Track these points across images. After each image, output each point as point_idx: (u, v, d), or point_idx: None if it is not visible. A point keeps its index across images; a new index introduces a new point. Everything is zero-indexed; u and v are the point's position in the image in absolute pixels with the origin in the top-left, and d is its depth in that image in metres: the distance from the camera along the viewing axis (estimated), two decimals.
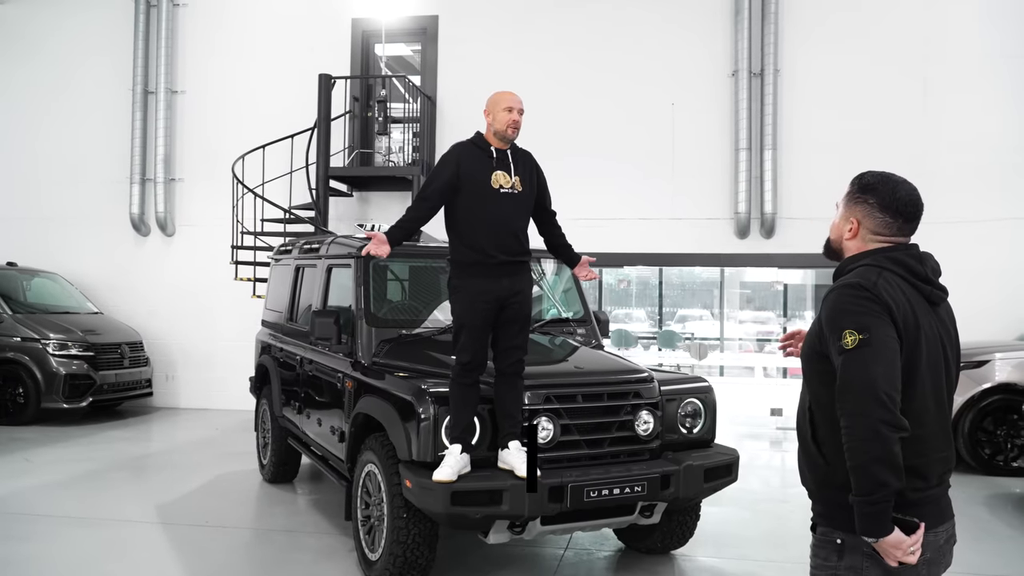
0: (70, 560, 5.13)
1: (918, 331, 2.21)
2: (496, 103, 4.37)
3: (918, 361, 2.20)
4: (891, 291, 2.21)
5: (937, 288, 2.33)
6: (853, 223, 2.39)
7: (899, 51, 9.97)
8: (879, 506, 2.09)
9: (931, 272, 2.33)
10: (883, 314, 2.17)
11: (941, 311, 2.35)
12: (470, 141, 4.45)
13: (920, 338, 2.22)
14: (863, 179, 2.42)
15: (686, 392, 4.90)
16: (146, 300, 11.47)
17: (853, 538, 2.20)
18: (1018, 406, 7.30)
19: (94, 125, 11.64)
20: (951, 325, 2.38)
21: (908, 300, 2.23)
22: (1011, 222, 9.58)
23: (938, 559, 2.28)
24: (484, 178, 4.29)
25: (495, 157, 4.36)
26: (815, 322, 2.35)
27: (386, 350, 5.16)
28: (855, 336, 2.14)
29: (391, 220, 10.76)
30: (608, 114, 10.41)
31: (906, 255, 2.31)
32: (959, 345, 2.39)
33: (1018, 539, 5.83)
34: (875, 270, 2.26)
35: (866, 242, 2.37)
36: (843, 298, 2.23)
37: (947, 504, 2.34)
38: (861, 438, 2.09)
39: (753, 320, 20.51)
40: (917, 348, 2.21)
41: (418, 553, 4.42)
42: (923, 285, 2.29)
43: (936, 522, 2.25)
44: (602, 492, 4.30)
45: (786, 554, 5.53)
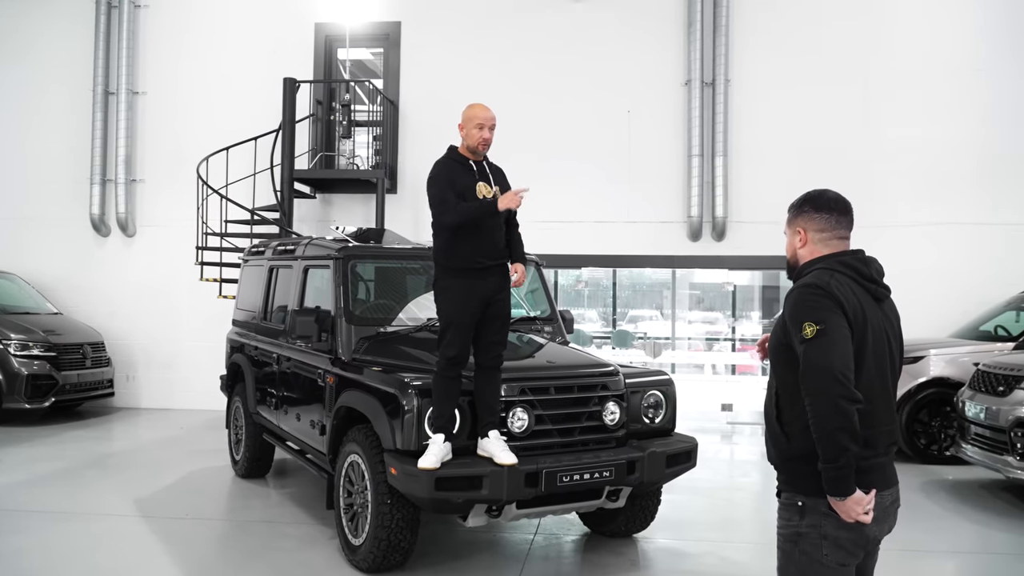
0: (60, 552, 5.29)
1: (865, 324, 2.60)
2: (470, 119, 4.63)
3: (865, 349, 2.58)
4: (842, 289, 2.59)
5: (881, 287, 2.71)
6: (800, 232, 2.78)
7: (842, 63, 10.51)
8: (843, 470, 2.46)
9: (875, 273, 2.71)
10: (835, 308, 2.54)
11: (885, 307, 2.73)
12: (448, 157, 4.69)
13: (867, 330, 2.60)
14: (795, 201, 2.84)
15: (649, 385, 5.25)
16: (106, 301, 11.47)
17: (813, 500, 2.59)
18: (951, 399, 7.82)
19: (53, 125, 11.61)
20: (895, 319, 2.77)
21: (856, 297, 2.61)
22: (947, 226, 10.18)
23: (884, 518, 2.66)
24: (470, 190, 4.58)
25: (475, 170, 4.64)
26: (780, 318, 2.73)
27: (365, 347, 5.41)
28: (813, 328, 2.51)
29: (354, 221, 11.03)
30: (567, 120, 10.76)
31: (853, 259, 2.70)
32: (902, 337, 2.79)
33: (951, 519, 6.32)
34: (828, 272, 2.64)
35: (816, 245, 2.75)
36: (802, 296, 2.60)
37: (892, 472, 2.72)
38: (825, 413, 2.45)
39: (702, 320, 21.13)
40: (864, 338, 2.58)
41: (401, 536, 4.70)
42: (869, 284, 2.67)
43: (883, 486, 2.64)
44: (573, 477, 4.62)
45: (740, 535, 5.94)
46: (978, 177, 10.25)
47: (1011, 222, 10.13)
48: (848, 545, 2.58)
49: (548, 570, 5.10)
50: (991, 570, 5.27)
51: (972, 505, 6.71)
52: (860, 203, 10.87)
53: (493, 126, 4.67)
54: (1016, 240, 10.10)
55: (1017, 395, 6.35)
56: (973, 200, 10.23)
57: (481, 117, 4.61)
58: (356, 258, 5.78)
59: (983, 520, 6.30)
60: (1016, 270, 9.74)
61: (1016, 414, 6.26)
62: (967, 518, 6.36)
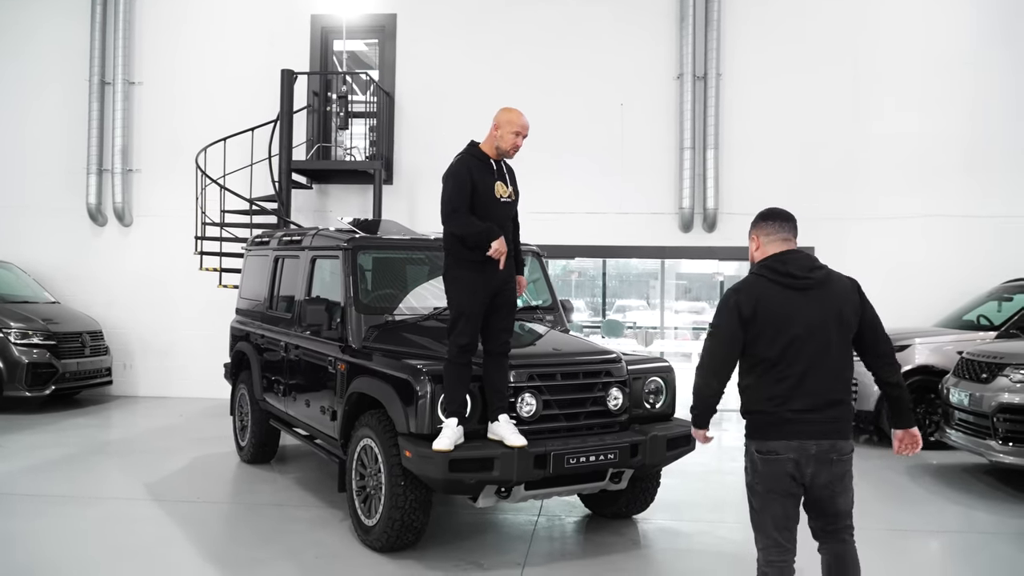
0: (78, 533, 5.45)
1: (782, 313, 3.30)
2: (509, 124, 4.77)
3: (785, 332, 3.28)
4: (753, 291, 3.35)
5: (800, 279, 3.34)
6: (754, 238, 3.53)
7: (831, 57, 10.73)
8: (698, 416, 3.57)
9: (794, 269, 3.36)
10: (734, 312, 3.33)
11: (818, 293, 3.35)
12: (470, 154, 4.84)
13: (792, 318, 3.29)
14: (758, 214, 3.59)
15: (650, 371, 5.46)
16: (103, 290, 11.56)
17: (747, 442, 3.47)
18: (935, 386, 8.07)
19: (50, 115, 11.65)
20: (833, 299, 3.35)
21: (773, 294, 3.33)
22: (932, 218, 10.44)
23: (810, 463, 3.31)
24: (489, 189, 4.75)
25: (495, 169, 4.81)
26: None
27: (375, 335, 5.58)
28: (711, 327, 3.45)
29: (350, 212, 11.16)
30: (560, 112, 10.90)
31: (772, 261, 3.40)
32: (851, 310, 3.37)
33: (936, 501, 6.58)
34: (751, 276, 3.43)
35: (765, 248, 3.47)
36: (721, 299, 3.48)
37: (832, 429, 3.32)
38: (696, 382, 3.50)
39: (688, 310, 21.42)
40: (782, 324, 3.29)
41: (414, 517, 4.89)
42: (785, 279, 3.34)
43: (811, 437, 3.30)
44: (580, 459, 4.82)
45: (735, 516, 6.14)
46: (966, 169, 10.51)
47: (999, 214, 10.40)
48: (767, 478, 3.36)
49: (554, 549, 5.30)
50: (975, 548, 5.51)
51: (956, 487, 6.97)
52: (849, 195, 11.20)
53: (527, 135, 4.83)
54: (1003, 232, 10.36)
55: (1000, 382, 6.60)
56: (961, 192, 10.49)
57: (519, 124, 4.77)
58: (365, 248, 5.94)
59: (967, 502, 6.56)
60: (1003, 261, 9.99)
61: (999, 400, 6.50)
62: (951, 500, 6.61)
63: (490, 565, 4.92)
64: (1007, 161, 10.49)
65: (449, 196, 4.73)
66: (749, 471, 3.44)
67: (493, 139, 4.82)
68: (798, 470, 3.31)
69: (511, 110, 4.83)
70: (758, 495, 3.41)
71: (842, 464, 3.36)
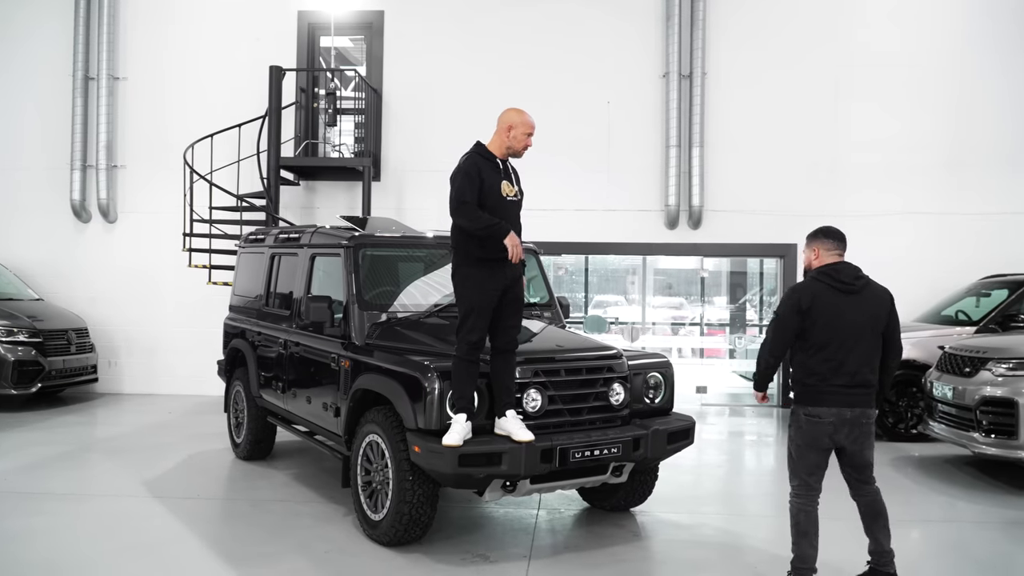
0: (85, 530, 5.47)
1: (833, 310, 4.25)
2: (521, 125, 4.86)
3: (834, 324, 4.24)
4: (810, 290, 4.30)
5: (849, 284, 4.31)
6: (815, 250, 4.46)
7: (815, 56, 10.92)
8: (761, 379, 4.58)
9: (844, 277, 4.32)
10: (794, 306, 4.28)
11: (859, 297, 4.31)
12: (478, 153, 4.90)
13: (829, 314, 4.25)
14: (815, 231, 4.48)
15: (650, 367, 5.58)
16: (87, 287, 11.48)
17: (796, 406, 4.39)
18: (917, 380, 8.28)
19: (33, 111, 11.54)
20: (872, 303, 4.34)
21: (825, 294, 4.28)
22: (912, 215, 10.69)
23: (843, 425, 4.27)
24: (496, 187, 4.83)
25: (502, 168, 4.90)
26: None
27: (377, 332, 5.64)
28: (775, 314, 4.40)
29: (338, 209, 11.19)
30: (548, 110, 10.91)
31: (828, 269, 4.35)
32: (884, 314, 4.36)
33: (920, 491, 6.78)
34: (808, 280, 4.38)
35: (822, 258, 4.41)
36: (787, 292, 4.42)
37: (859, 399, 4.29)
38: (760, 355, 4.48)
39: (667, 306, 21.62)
40: (832, 319, 4.24)
41: (421, 511, 4.97)
42: (838, 284, 4.30)
43: (843, 404, 4.26)
44: (584, 453, 4.93)
45: (730, 508, 6.33)
46: (946, 167, 10.77)
47: (977, 211, 10.67)
48: (808, 435, 4.30)
49: (557, 541, 5.41)
50: (958, 537, 5.69)
51: (939, 478, 7.18)
52: (831, 193, 11.43)
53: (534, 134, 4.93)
54: (981, 229, 10.64)
55: (982, 376, 6.81)
56: (941, 190, 10.75)
57: (530, 125, 4.88)
58: (366, 246, 6.00)
59: (949, 492, 6.76)
60: (981, 257, 10.27)
61: (982, 393, 6.71)
62: (934, 490, 6.82)
63: (497, 558, 5.02)
64: (985, 159, 10.75)
65: (459, 190, 4.79)
66: (794, 428, 4.37)
67: (504, 140, 4.89)
68: (834, 431, 4.27)
69: (520, 111, 4.92)
70: (799, 447, 4.34)
71: (868, 426, 4.34)
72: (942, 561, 5.14)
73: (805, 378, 4.31)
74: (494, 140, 4.92)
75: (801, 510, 4.35)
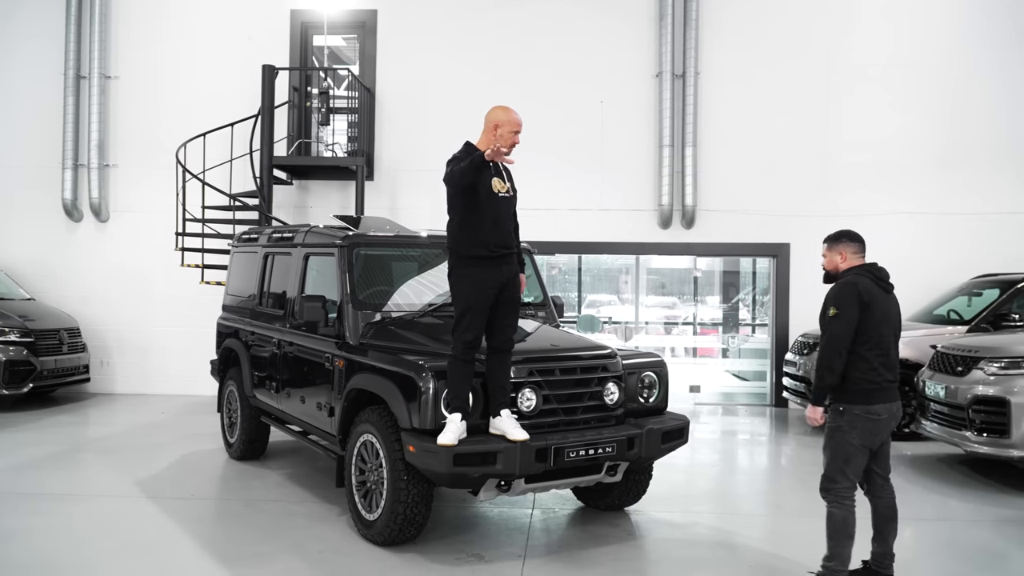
0: (80, 530, 5.46)
1: (886, 306, 4.39)
2: (508, 123, 4.86)
3: (880, 320, 4.33)
4: (862, 286, 4.35)
5: (886, 283, 4.49)
6: (841, 252, 4.55)
7: (807, 55, 10.94)
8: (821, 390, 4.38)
9: (883, 275, 4.49)
10: (854, 299, 4.31)
11: (891, 296, 4.51)
12: (467, 153, 4.87)
13: (880, 310, 4.36)
14: (833, 235, 4.61)
15: (644, 366, 5.58)
16: (79, 286, 11.43)
17: (848, 406, 4.31)
18: (910, 379, 8.30)
19: (24, 109, 11.48)
20: (896, 303, 4.55)
21: (872, 291, 4.36)
22: (904, 215, 10.72)
23: (892, 420, 4.37)
24: (487, 183, 4.83)
25: (492, 165, 4.89)
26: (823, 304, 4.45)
27: (372, 331, 5.64)
28: (835, 311, 4.35)
29: (330, 208, 11.16)
30: (541, 110, 10.95)
31: (871, 267, 4.50)
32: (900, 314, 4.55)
33: (912, 489, 6.79)
34: (856, 276, 4.43)
35: (850, 262, 4.53)
36: (841, 290, 4.37)
37: (898, 394, 4.42)
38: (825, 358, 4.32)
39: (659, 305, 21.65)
40: (878, 314, 4.33)
41: (416, 511, 4.97)
42: (880, 282, 4.45)
43: (892, 400, 4.35)
44: (579, 453, 4.93)
45: (724, 507, 6.35)
46: (938, 167, 10.81)
47: (969, 211, 10.72)
48: (866, 435, 4.28)
49: (551, 540, 5.41)
50: (950, 535, 5.72)
51: (931, 477, 7.21)
52: (823, 192, 11.48)
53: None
54: (973, 228, 10.69)
55: (975, 375, 6.84)
56: (932, 189, 10.78)
57: (517, 123, 4.88)
58: (360, 245, 5.99)
59: (942, 490, 6.80)
60: (973, 257, 10.32)
61: (974, 392, 6.74)
62: (927, 488, 6.85)
63: (491, 557, 5.02)
64: (977, 159, 10.80)
65: (450, 170, 4.82)
66: (847, 429, 4.28)
67: (491, 138, 4.87)
68: (885, 427, 4.34)
69: (507, 109, 4.92)
70: (855, 448, 4.29)
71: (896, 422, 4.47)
72: (935, 559, 5.17)
73: (863, 375, 4.27)
74: (482, 139, 4.92)
75: (850, 512, 4.31)
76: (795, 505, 6.50)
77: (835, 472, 4.32)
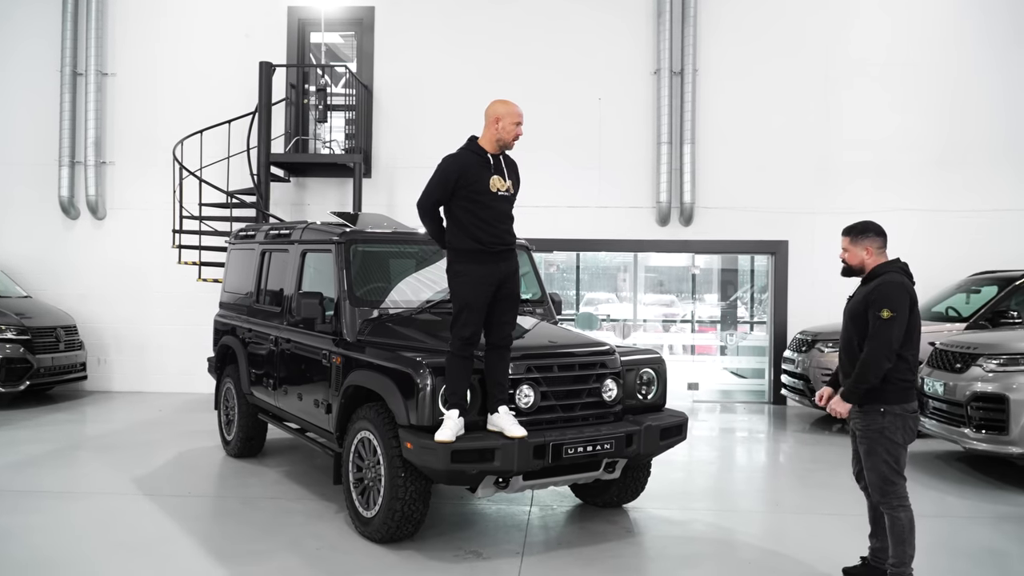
0: (77, 528, 5.43)
1: (915, 306, 4.28)
2: (509, 115, 4.84)
3: (918, 321, 4.29)
4: (908, 286, 4.28)
5: (912, 280, 4.37)
6: (867, 248, 4.42)
7: (805, 53, 10.94)
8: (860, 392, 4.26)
9: (910, 273, 4.39)
10: (907, 301, 4.22)
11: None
12: (467, 149, 4.89)
13: (917, 310, 4.29)
14: (856, 228, 4.48)
15: (642, 363, 5.57)
16: (76, 284, 11.40)
17: (890, 406, 4.24)
18: None
19: (20, 106, 11.45)
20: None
21: (913, 291, 4.29)
22: (902, 212, 10.70)
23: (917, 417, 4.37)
24: (483, 184, 4.79)
25: (492, 163, 4.87)
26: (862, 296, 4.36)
27: (369, 328, 5.62)
28: (889, 313, 4.18)
29: (328, 205, 11.14)
30: (539, 107, 10.88)
31: (902, 265, 4.40)
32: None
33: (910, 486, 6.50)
34: (900, 275, 4.31)
35: (877, 257, 4.41)
36: (892, 290, 4.23)
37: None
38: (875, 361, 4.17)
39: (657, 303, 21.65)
40: (915, 314, 4.27)
41: (414, 508, 4.95)
42: (909, 279, 4.36)
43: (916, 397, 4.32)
44: (577, 449, 4.92)
45: (723, 504, 6.34)
46: (936, 164, 10.81)
47: (967, 208, 10.72)
48: (909, 432, 4.28)
49: (549, 537, 5.40)
50: (949, 531, 5.71)
51: (930, 473, 7.20)
52: (821, 189, 11.48)
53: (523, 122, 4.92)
54: (971, 226, 10.69)
55: (973, 371, 6.83)
56: (931, 187, 10.79)
57: (518, 114, 4.86)
58: (357, 242, 5.97)
59: (940, 487, 6.79)
60: (971, 254, 10.32)
61: (973, 389, 6.73)
62: (925, 485, 6.82)
63: (489, 554, 5.01)
64: (976, 157, 10.80)
65: (428, 188, 4.90)
66: (893, 429, 4.23)
67: (494, 133, 4.86)
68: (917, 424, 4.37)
69: (506, 102, 4.91)
70: (899, 447, 4.25)
71: None
72: (933, 556, 5.15)
73: (901, 376, 4.23)
74: (484, 134, 4.90)
75: (911, 511, 4.29)
76: (793, 502, 6.49)
77: (891, 474, 4.27)
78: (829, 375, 8.70)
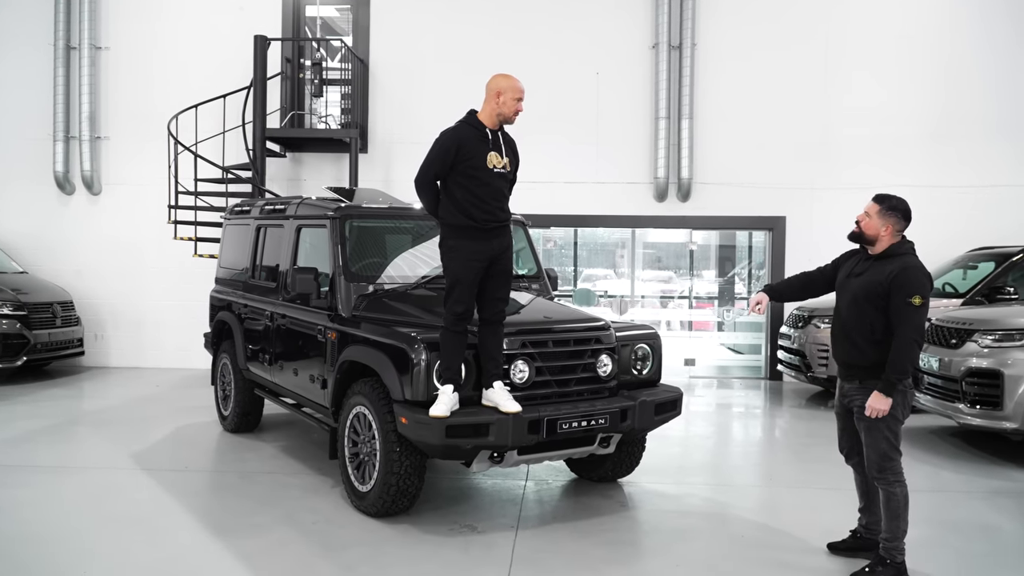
0: (71, 502, 5.46)
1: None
2: (510, 90, 4.79)
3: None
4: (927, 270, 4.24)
5: None
6: (888, 226, 4.28)
7: (803, 29, 10.85)
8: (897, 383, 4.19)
9: None
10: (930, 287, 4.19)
11: None
12: (466, 123, 4.84)
13: None
14: (890, 201, 4.32)
15: (637, 338, 5.57)
16: (72, 259, 11.38)
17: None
18: None
19: (13, 81, 11.36)
20: None
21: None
22: (900, 188, 10.45)
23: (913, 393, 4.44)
24: (481, 159, 4.76)
25: (490, 139, 4.83)
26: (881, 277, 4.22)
27: (364, 304, 5.61)
28: (920, 300, 4.12)
29: (324, 180, 11.08)
30: (536, 81, 10.68)
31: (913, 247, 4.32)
32: None
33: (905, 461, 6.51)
34: (917, 258, 4.27)
35: (894, 237, 4.30)
36: (918, 276, 4.17)
37: None
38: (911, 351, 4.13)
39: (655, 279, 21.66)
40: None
41: (409, 482, 4.97)
42: None
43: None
44: (572, 424, 4.93)
45: (718, 478, 6.37)
46: (934, 140, 10.77)
47: (964, 184, 10.69)
48: (907, 408, 4.29)
49: (544, 511, 5.43)
50: (943, 505, 5.74)
51: (924, 448, 7.24)
52: (819, 165, 11.42)
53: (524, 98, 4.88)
54: (969, 202, 10.67)
55: (968, 347, 6.84)
56: (929, 163, 10.75)
57: (519, 89, 4.82)
58: (353, 217, 5.94)
59: (934, 461, 6.82)
60: (968, 230, 10.31)
61: (967, 364, 6.74)
62: (920, 460, 6.86)
63: (484, 528, 5.03)
64: (973, 132, 10.75)
65: (425, 163, 4.86)
66: (895, 406, 4.23)
67: (494, 107, 4.82)
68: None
69: (508, 76, 4.86)
70: (899, 422, 4.30)
71: None
72: (927, 530, 5.18)
73: None
74: (484, 109, 4.86)
75: (906, 485, 4.34)
76: (788, 476, 6.53)
77: (890, 449, 4.29)
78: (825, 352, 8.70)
